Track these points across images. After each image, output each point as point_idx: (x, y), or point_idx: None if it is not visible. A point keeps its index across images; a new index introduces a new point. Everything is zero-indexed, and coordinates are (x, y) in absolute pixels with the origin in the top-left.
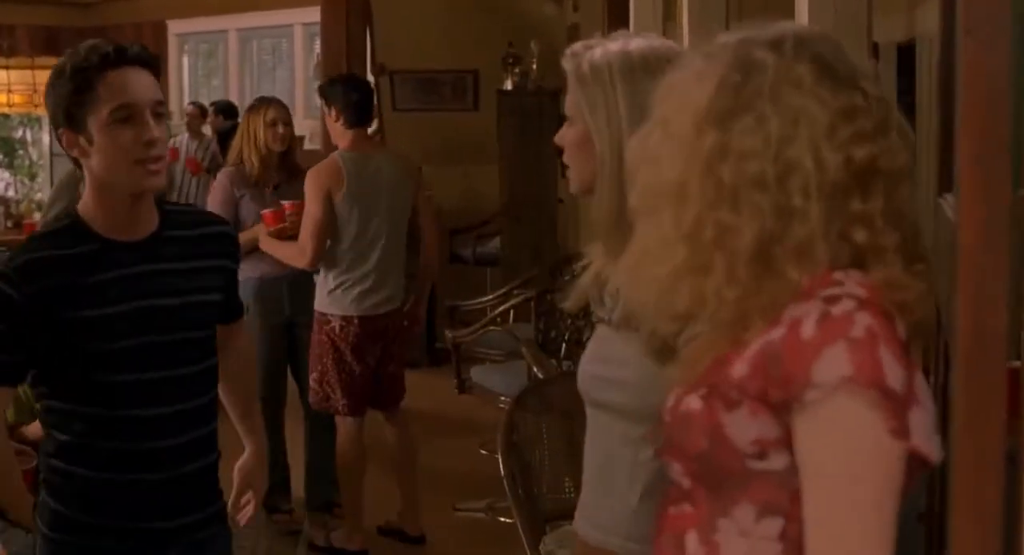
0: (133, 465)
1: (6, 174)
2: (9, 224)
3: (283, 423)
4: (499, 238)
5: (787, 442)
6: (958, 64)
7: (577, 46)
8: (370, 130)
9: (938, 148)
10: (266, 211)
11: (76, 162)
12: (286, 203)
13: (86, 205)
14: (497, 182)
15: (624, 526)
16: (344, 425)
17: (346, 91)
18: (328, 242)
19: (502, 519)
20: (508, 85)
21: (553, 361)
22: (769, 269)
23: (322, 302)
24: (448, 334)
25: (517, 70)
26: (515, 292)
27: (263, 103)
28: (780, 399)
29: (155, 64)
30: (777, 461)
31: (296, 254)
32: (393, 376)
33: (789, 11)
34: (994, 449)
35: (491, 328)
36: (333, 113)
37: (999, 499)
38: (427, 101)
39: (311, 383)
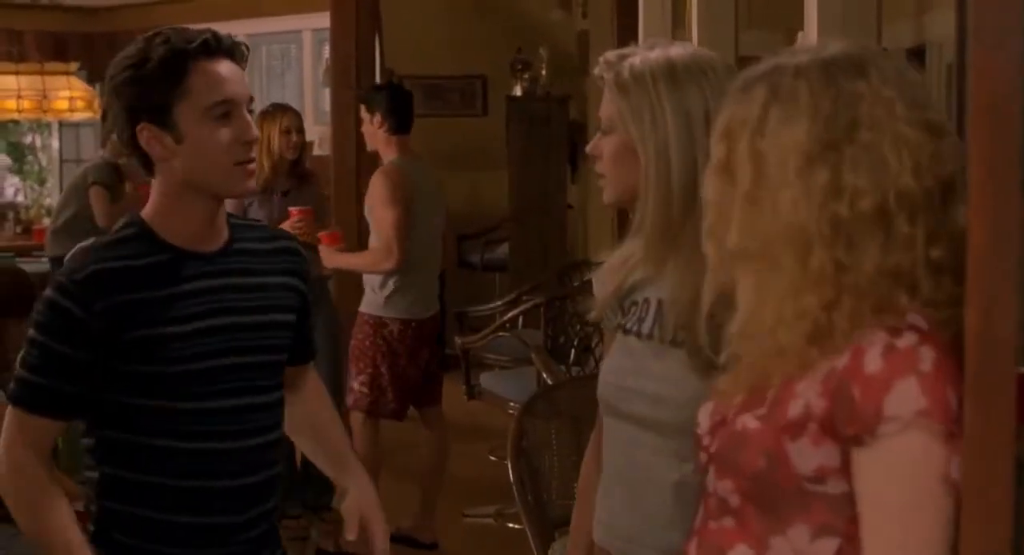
0: (199, 505)
1: (15, 179)
2: (18, 230)
3: None
4: (507, 244)
5: (847, 471)
6: (967, 67)
7: (611, 55)
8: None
9: None
10: (323, 233)
11: (146, 164)
12: (293, 209)
13: (155, 212)
14: (506, 188)
15: (655, 538)
16: (366, 428)
17: (390, 97)
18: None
19: (511, 525)
20: (517, 91)
21: (562, 367)
22: (880, 299)
23: (377, 306)
24: (457, 340)
25: (526, 76)
26: (524, 298)
27: (278, 110)
28: (849, 432)
29: (245, 58)
30: (835, 487)
31: (380, 258)
32: (436, 374)
33: (798, 18)
34: (1003, 455)
35: (500, 334)
36: (376, 119)
37: (1009, 506)
38: (436, 106)
39: (356, 386)
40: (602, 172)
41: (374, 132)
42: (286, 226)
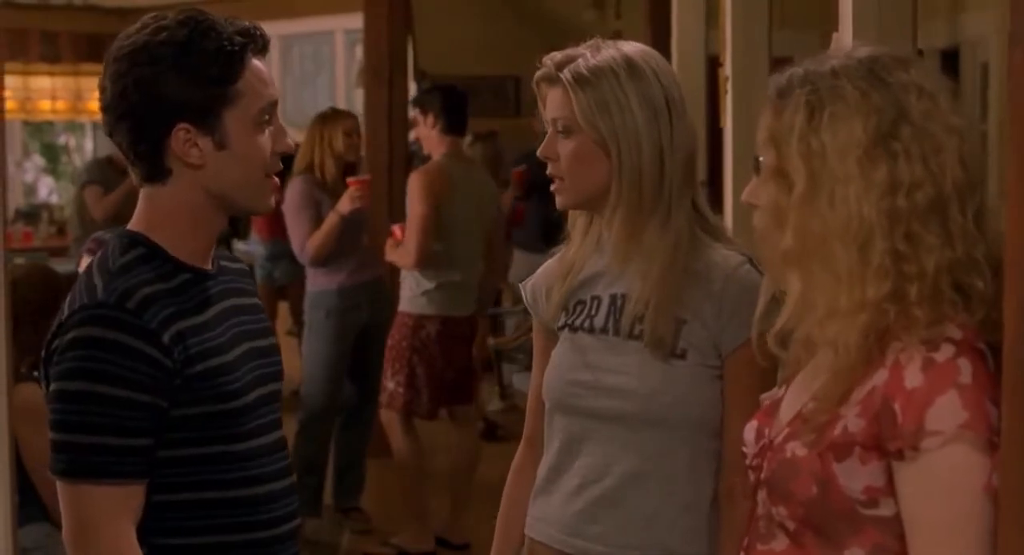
0: None
1: (49, 180)
2: (52, 230)
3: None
4: None
5: (894, 490)
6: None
7: (557, 55)
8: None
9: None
10: (397, 226)
11: (155, 170)
12: (351, 180)
13: (160, 226)
14: None
15: (652, 537)
16: (402, 426)
17: (443, 98)
18: (433, 244)
19: None
20: None
21: None
22: (936, 308)
23: (416, 304)
24: (490, 341)
25: None
26: None
27: (339, 113)
28: (892, 448)
29: None
30: (887, 508)
31: (402, 254)
32: (471, 372)
33: (832, 18)
34: None
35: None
36: (429, 120)
37: None
38: (469, 107)
39: (391, 385)
40: (559, 175)
41: (428, 133)
42: (345, 198)
